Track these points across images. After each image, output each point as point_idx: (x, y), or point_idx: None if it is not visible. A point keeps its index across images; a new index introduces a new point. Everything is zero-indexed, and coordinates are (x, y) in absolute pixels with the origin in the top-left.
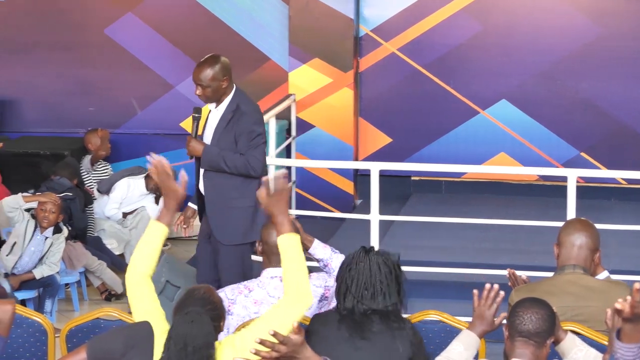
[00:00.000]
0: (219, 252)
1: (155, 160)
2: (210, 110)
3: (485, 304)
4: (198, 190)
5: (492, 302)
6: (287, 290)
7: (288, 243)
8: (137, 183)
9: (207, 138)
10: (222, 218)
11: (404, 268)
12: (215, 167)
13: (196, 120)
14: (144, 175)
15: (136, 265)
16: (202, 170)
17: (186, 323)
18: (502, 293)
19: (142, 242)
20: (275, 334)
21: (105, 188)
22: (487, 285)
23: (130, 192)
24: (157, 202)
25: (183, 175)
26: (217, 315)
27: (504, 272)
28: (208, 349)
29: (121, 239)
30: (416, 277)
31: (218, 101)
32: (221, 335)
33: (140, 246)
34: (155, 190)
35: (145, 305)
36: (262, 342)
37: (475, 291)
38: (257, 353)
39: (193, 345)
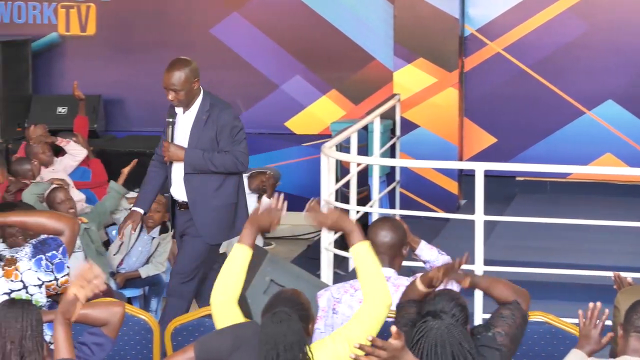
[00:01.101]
0: (190, 243)
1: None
2: (176, 115)
3: (591, 323)
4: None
5: (597, 320)
6: (366, 294)
7: (361, 251)
8: None
9: (182, 142)
10: (207, 218)
11: (509, 269)
12: (201, 168)
13: (171, 125)
14: (247, 174)
15: (221, 289)
16: (179, 174)
17: (275, 323)
18: (606, 311)
19: (227, 265)
20: (373, 340)
21: None
22: (591, 305)
23: None
24: (259, 201)
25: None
26: (305, 315)
27: (609, 274)
28: (300, 346)
29: None
30: (521, 278)
31: (187, 105)
32: (325, 335)
33: (225, 271)
34: (258, 190)
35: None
36: (361, 347)
37: (580, 311)
38: (356, 359)
39: (284, 344)
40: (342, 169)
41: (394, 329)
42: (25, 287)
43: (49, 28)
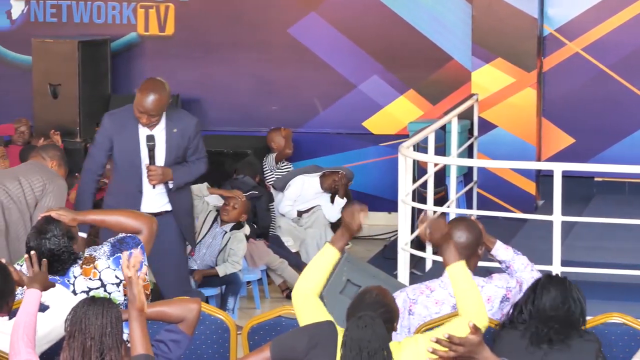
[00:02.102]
0: (177, 250)
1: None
2: (154, 138)
3: None
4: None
5: None
6: (463, 313)
7: (457, 271)
8: (311, 181)
9: (159, 159)
10: (190, 224)
11: (587, 270)
12: (185, 182)
13: (152, 148)
14: (320, 174)
15: (305, 284)
16: (151, 189)
17: (360, 328)
18: None
19: (313, 262)
20: (450, 337)
21: (281, 185)
22: None
23: (304, 190)
24: (332, 201)
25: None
26: (390, 317)
27: None
28: (383, 352)
29: (297, 237)
30: (599, 279)
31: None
32: (400, 337)
33: (311, 266)
34: (330, 189)
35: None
36: (438, 341)
37: None
38: (434, 352)
39: (368, 350)
40: (419, 169)
41: (471, 323)
42: (103, 285)
43: (128, 28)
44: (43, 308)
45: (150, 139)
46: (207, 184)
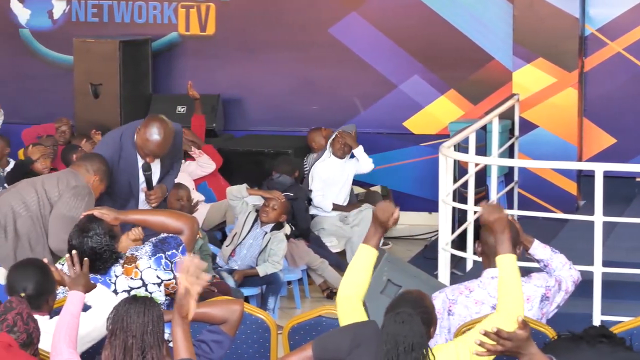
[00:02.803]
0: None
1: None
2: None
3: None
4: None
5: None
6: (501, 306)
7: (506, 263)
8: (326, 162)
9: (154, 181)
10: None
11: (629, 270)
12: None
13: (150, 176)
14: (329, 149)
15: (347, 289)
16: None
17: (397, 323)
18: None
19: (352, 265)
20: (498, 332)
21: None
22: None
23: (326, 174)
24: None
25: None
26: (428, 318)
27: None
28: (421, 349)
29: (342, 236)
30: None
31: None
32: (441, 338)
33: (351, 269)
34: (342, 149)
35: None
36: (486, 334)
37: None
38: (481, 344)
39: (404, 345)
40: (460, 169)
41: (520, 318)
42: (144, 285)
43: (169, 28)
44: (85, 308)
45: (147, 168)
46: (247, 185)
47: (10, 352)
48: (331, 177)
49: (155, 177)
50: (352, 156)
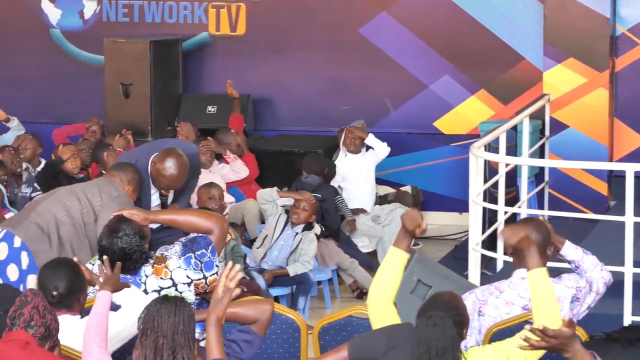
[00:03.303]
0: None
1: None
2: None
3: None
4: None
5: None
6: (537, 318)
7: (537, 277)
8: (341, 161)
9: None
10: None
11: None
12: None
13: (165, 201)
14: (342, 149)
15: (378, 291)
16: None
17: (429, 327)
18: None
19: (382, 267)
20: (544, 329)
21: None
22: None
23: (343, 171)
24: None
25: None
26: (460, 321)
27: None
28: (453, 352)
29: (373, 235)
30: None
31: None
32: (471, 339)
33: (381, 272)
34: (353, 142)
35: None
36: (532, 330)
37: None
38: (526, 339)
39: (437, 349)
40: (490, 169)
41: (566, 317)
42: (174, 284)
43: (199, 28)
44: (115, 307)
45: (161, 194)
46: (277, 188)
47: (27, 351)
48: (351, 175)
49: (170, 198)
50: (367, 150)
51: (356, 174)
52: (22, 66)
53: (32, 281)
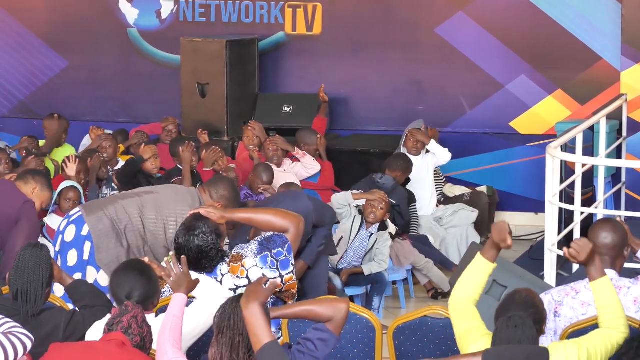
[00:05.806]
0: None
1: None
2: None
3: None
4: None
5: None
6: (608, 326)
7: (601, 287)
8: None
9: None
10: None
11: None
12: None
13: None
14: (402, 150)
15: (461, 292)
16: None
17: (510, 328)
18: None
19: (468, 272)
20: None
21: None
22: None
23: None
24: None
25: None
26: (539, 318)
27: None
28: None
29: (437, 235)
30: None
31: None
32: (547, 340)
33: (466, 275)
34: (416, 146)
35: (467, 327)
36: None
37: None
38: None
39: None
40: (567, 170)
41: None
42: (250, 283)
43: (275, 27)
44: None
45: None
46: (351, 192)
47: (123, 350)
48: (417, 177)
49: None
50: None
51: (416, 176)
52: (100, 66)
53: (103, 279)
